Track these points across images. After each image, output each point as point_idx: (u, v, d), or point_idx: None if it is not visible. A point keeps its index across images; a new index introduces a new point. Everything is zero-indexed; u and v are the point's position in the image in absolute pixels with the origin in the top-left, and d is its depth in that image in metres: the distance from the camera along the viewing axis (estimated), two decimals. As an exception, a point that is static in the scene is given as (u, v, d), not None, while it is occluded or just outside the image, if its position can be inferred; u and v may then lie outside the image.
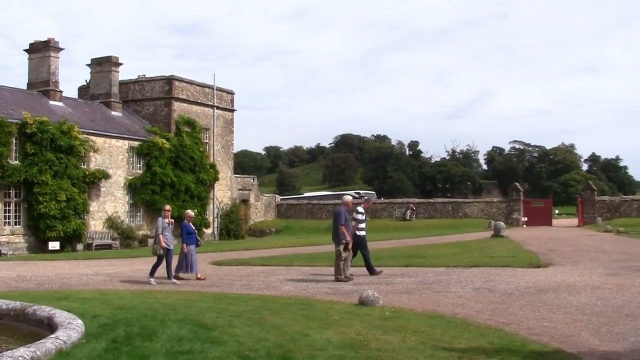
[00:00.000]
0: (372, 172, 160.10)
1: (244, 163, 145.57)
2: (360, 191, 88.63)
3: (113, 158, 46.37)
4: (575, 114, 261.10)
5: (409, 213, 59.92)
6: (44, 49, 47.06)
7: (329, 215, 62.02)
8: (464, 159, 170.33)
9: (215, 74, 61.67)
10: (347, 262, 19.34)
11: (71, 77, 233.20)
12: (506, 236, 38.53)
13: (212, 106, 55.96)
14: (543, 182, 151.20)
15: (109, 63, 52.25)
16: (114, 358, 7.95)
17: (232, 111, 58.93)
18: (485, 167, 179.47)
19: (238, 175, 62.31)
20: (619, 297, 14.41)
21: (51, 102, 46.06)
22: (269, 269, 23.69)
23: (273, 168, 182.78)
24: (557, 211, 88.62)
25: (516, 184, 63.62)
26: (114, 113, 50.84)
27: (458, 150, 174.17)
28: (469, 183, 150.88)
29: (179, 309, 12.10)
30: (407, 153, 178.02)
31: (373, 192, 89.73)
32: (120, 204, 46.96)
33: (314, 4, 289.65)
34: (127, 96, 53.89)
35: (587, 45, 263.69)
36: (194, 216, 22.63)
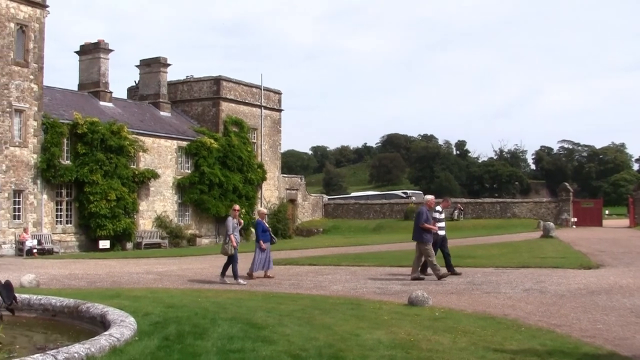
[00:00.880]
0: (419, 172, 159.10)
1: (291, 163, 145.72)
2: (408, 191, 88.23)
3: (162, 158, 46.82)
4: (625, 112, 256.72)
5: (457, 213, 59.45)
6: (94, 50, 47.75)
7: (377, 215, 62.03)
8: (512, 158, 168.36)
9: (262, 74, 61.86)
10: (417, 262, 19.28)
11: (120, 78, 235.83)
12: (556, 237, 38.05)
13: (260, 106, 56.18)
14: (592, 182, 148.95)
15: (158, 64, 52.80)
16: (166, 356, 8.01)
17: (280, 111, 59.11)
18: (533, 166, 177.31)
19: (285, 175, 62.45)
20: (673, 299, 14.16)
21: (101, 103, 46.68)
22: (317, 268, 23.71)
23: (320, 168, 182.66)
24: (607, 212, 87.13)
25: (565, 184, 62.78)
26: (162, 113, 51.34)
27: (506, 150, 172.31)
28: (516, 183, 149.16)
29: (229, 308, 12.16)
30: (454, 152, 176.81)
31: (420, 192, 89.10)
32: (169, 203, 47.39)
33: (360, 3, 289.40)
34: (176, 96, 54.39)
35: (635, 42, 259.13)
36: (267, 213, 22.47)
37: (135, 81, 55.35)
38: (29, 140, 38.38)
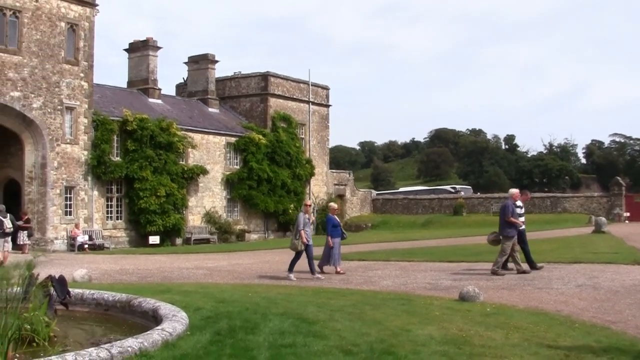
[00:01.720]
0: (468, 167, 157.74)
1: (338, 158, 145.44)
2: (457, 186, 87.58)
3: (210, 154, 47.12)
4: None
5: (506, 208, 58.81)
6: (143, 48, 48.28)
7: (425, 210, 61.73)
8: (562, 152, 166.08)
9: (310, 69, 61.93)
10: (511, 256, 19.21)
11: (169, 75, 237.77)
12: (608, 232, 37.49)
13: (308, 102, 56.26)
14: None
15: (206, 61, 53.17)
16: (218, 350, 8.03)
17: (327, 106, 59.13)
18: (583, 160, 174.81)
19: (334, 170, 62.47)
20: None
21: (150, 100, 47.17)
22: (366, 263, 23.66)
23: (368, 163, 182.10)
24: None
25: (618, 178, 61.83)
26: (211, 110, 51.69)
27: (555, 144, 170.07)
28: (566, 177, 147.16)
29: (280, 303, 12.16)
30: (503, 147, 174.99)
31: (469, 187, 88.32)
32: (218, 199, 47.70)
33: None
34: (224, 93, 54.71)
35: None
36: (337, 208, 22.37)
37: (183, 78, 55.90)
38: (79, 137, 38.91)
